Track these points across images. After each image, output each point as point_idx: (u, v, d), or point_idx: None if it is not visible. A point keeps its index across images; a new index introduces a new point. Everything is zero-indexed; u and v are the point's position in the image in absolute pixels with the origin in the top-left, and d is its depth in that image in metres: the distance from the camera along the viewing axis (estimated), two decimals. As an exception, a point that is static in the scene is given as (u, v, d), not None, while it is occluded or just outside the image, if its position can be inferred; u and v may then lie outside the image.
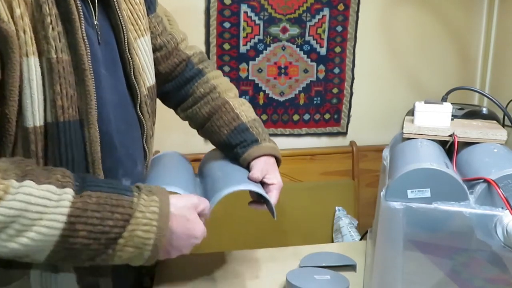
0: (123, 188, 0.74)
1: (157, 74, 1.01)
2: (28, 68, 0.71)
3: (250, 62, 2.01)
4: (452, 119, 1.00)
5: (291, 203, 1.95)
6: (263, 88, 2.05)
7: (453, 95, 1.08)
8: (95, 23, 0.82)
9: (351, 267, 1.06)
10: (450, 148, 0.94)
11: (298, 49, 2.04)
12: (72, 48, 0.75)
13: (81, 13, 0.76)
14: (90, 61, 0.77)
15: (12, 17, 0.69)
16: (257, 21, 1.97)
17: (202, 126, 1.06)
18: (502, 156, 0.87)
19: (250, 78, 2.03)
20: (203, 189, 0.99)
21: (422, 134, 0.97)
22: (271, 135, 2.07)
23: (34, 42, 0.71)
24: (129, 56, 0.87)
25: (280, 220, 2.04)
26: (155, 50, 1.01)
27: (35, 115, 0.72)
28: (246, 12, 1.95)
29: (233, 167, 1.02)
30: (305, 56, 2.05)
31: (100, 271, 0.84)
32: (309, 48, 2.04)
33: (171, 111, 1.12)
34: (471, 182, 0.81)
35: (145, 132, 0.93)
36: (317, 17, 2.01)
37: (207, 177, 1.02)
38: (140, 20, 0.92)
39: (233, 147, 1.02)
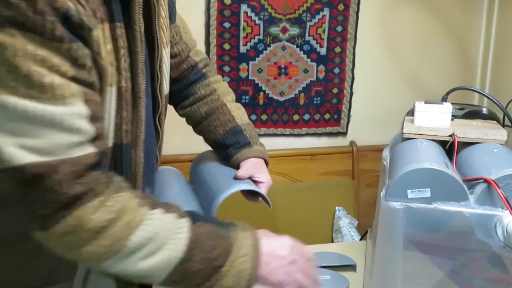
0: (224, 223, 0.81)
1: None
2: (110, 97, 0.76)
3: (250, 62, 2.01)
4: (452, 119, 1.00)
5: (291, 203, 1.95)
6: (263, 88, 2.05)
7: (453, 95, 1.08)
8: None
9: (351, 267, 1.06)
10: (450, 148, 0.94)
11: (298, 49, 2.04)
12: (133, 78, 0.80)
13: (144, 47, 0.81)
14: (145, 90, 0.82)
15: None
16: (257, 21, 1.97)
17: (199, 124, 1.12)
18: (502, 156, 0.88)
19: (250, 78, 2.03)
20: (198, 197, 1.05)
21: (422, 134, 0.97)
22: (271, 135, 2.10)
23: (114, 73, 0.77)
24: (158, 71, 0.90)
25: (280, 220, 2.04)
26: (170, 57, 1.05)
27: (109, 137, 0.78)
28: (246, 12, 1.95)
29: (221, 171, 1.07)
30: (305, 56, 2.05)
31: None
32: (309, 48, 2.04)
33: (170, 112, 1.13)
34: (471, 182, 0.81)
35: (159, 141, 0.98)
36: (317, 17, 2.01)
37: (199, 184, 1.08)
38: (164, 33, 0.95)
39: (226, 147, 1.08)
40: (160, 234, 0.72)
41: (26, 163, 0.63)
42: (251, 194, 1.05)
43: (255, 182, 1.03)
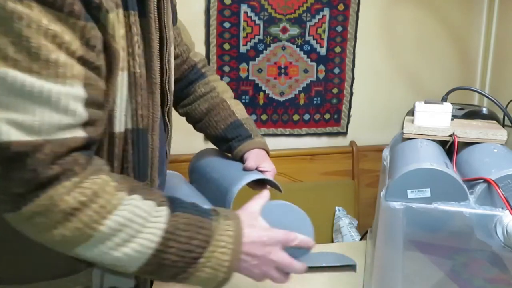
0: (205, 211, 0.79)
1: None
2: (121, 81, 0.77)
3: (250, 62, 2.01)
4: (452, 119, 1.00)
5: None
6: (263, 88, 2.05)
7: (453, 95, 1.08)
8: None
9: (351, 267, 1.06)
10: (450, 148, 0.94)
11: (298, 49, 2.04)
12: (147, 64, 0.82)
13: (158, 34, 0.83)
14: (160, 77, 0.85)
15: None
16: (257, 21, 1.97)
17: (200, 121, 1.14)
18: (502, 156, 0.88)
19: (250, 78, 2.03)
20: (205, 195, 1.06)
21: (422, 134, 0.97)
22: (271, 135, 2.10)
23: (126, 58, 0.78)
24: (166, 64, 0.92)
25: (280, 220, 2.04)
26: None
27: (121, 122, 0.79)
28: (246, 12, 1.95)
29: (226, 165, 1.08)
30: (305, 56, 2.05)
31: None
32: (309, 48, 2.04)
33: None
34: (471, 182, 0.81)
35: (169, 136, 1.00)
36: (317, 17, 2.01)
37: (204, 182, 1.09)
38: (170, 31, 0.97)
39: (228, 141, 1.10)
40: (135, 221, 0.70)
41: (12, 140, 0.63)
42: (257, 184, 1.07)
43: (261, 172, 1.06)
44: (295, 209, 0.88)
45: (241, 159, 1.08)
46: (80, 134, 0.68)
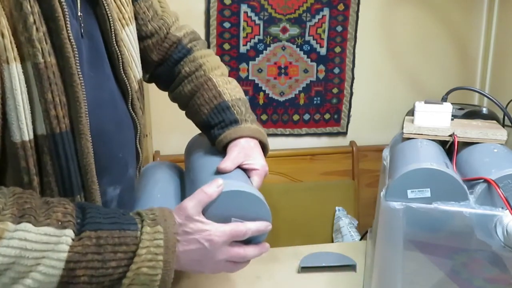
0: (126, 221, 0.67)
1: (150, 61, 0.97)
2: (10, 77, 0.63)
3: (250, 62, 2.01)
4: (452, 119, 1.00)
5: (291, 203, 1.95)
6: (263, 88, 2.05)
7: (453, 95, 1.08)
8: (79, 14, 0.75)
9: (351, 267, 1.06)
10: (450, 148, 0.94)
11: (298, 49, 2.04)
12: (57, 50, 0.67)
13: (66, 10, 0.68)
14: (78, 64, 0.69)
15: None
16: (257, 21, 1.97)
17: (186, 106, 0.98)
18: (502, 156, 0.87)
19: (250, 78, 2.03)
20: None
21: (422, 134, 0.97)
22: (271, 135, 2.09)
23: (15, 46, 0.63)
24: (117, 49, 0.80)
25: (280, 220, 2.04)
26: (146, 37, 0.95)
27: (23, 128, 0.66)
28: (246, 12, 1.95)
29: (203, 164, 0.90)
30: (305, 56, 2.05)
31: None
32: (309, 48, 2.04)
33: (170, 111, 1.12)
34: (471, 182, 0.81)
35: (139, 131, 0.88)
36: (317, 17, 2.01)
37: (186, 181, 0.95)
38: (124, 8, 0.85)
39: (211, 128, 0.91)
40: (25, 256, 0.59)
41: None
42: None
43: (246, 170, 0.85)
44: (248, 193, 0.75)
45: (225, 152, 0.87)
46: None
